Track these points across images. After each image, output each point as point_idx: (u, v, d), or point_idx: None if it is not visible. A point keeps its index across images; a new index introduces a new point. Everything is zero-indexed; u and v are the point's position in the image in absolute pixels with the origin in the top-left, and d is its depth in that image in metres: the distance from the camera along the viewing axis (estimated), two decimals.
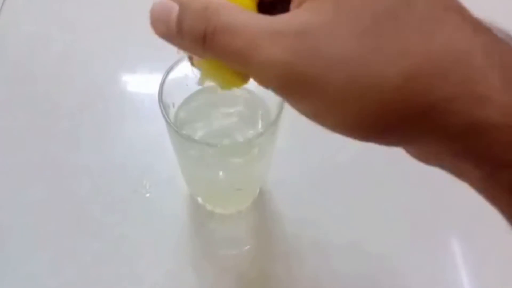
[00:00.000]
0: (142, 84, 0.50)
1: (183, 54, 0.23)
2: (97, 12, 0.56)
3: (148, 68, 0.51)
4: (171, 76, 0.34)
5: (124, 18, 0.55)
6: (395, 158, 0.45)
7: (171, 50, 0.56)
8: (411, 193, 0.43)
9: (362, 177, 0.44)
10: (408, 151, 0.22)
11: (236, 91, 0.37)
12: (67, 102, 0.48)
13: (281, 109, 0.31)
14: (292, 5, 0.20)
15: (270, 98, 0.35)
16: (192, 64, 0.24)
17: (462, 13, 0.19)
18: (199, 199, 0.41)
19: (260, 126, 0.36)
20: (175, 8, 0.20)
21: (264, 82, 0.20)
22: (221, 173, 0.35)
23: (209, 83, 0.24)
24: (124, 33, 0.54)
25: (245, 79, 0.24)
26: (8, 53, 0.52)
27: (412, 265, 0.40)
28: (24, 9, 0.56)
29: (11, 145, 0.46)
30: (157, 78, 0.50)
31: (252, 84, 0.36)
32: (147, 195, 0.42)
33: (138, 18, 0.54)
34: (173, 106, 0.35)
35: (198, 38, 0.20)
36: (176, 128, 0.32)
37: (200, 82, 0.24)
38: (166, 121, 0.31)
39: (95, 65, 0.51)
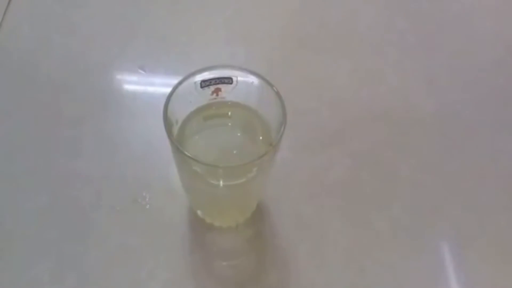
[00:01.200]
0: (144, 93, 0.51)
1: None
2: (99, 19, 0.56)
3: (150, 76, 0.52)
4: (175, 93, 0.34)
5: (126, 26, 0.56)
6: (385, 173, 0.46)
7: (172, 59, 0.57)
8: (402, 207, 0.44)
9: (355, 191, 0.45)
10: None
11: (238, 110, 0.38)
12: (69, 111, 0.49)
13: (282, 131, 0.32)
14: None
15: (271, 116, 0.36)
16: None
17: None
18: (199, 212, 0.42)
19: (260, 143, 0.37)
20: None
21: None
22: (221, 189, 0.36)
23: None
24: (127, 41, 0.54)
25: None
26: (10, 60, 0.52)
27: (406, 277, 0.41)
28: (27, 16, 0.56)
29: (13, 152, 0.46)
30: (160, 86, 0.51)
31: (253, 101, 0.38)
32: (147, 206, 0.43)
33: (140, 27, 0.55)
34: (177, 123, 0.36)
35: None
36: (179, 143, 0.33)
37: None
38: (171, 140, 0.32)
39: (97, 73, 0.52)
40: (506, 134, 0.49)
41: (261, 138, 0.38)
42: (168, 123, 0.33)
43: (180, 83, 0.35)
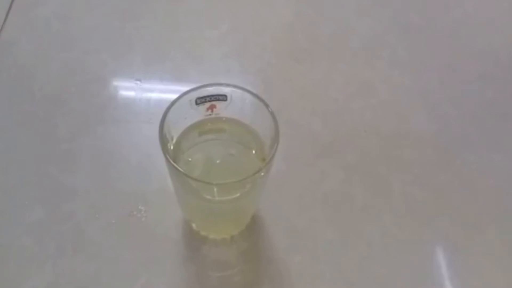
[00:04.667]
0: (140, 107, 0.52)
1: None
2: (97, 32, 0.57)
3: (147, 90, 0.53)
4: (171, 110, 0.35)
5: (124, 40, 0.56)
6: (377, 186, 0.47)
7: (168, 73, 0.58)
8: (393, 219, 0.45)
9: (347, 204, 0.46)
10: None
11: (232, 126, 0.39)
12: (65, 124, 0.49)
13: (274, 149, 0.33)
14: None
15: (264, 132, 0.37)
16: None
17: None
18: (194, 225, 0.43)
19: (254, 158, 0.38)
20: None
21: None
22: (215, 204, 0.36)
23: None
24: (123, 56, 0.55)
25: None
26: (7, 74, 0.53)
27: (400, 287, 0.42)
28: (25, 29, 0.57)
29: (9, 166, 0.47)
30: (156, 100, 0.52)
31: (247, 118, 0.39)
32: (143, 219, 0.44)
33: (137, 41, 0.56)
34: (172, 140, 0.37)
35: None
36: (174, 159, 0.33)
37: None
38: (166, 158, 0.33)
39: (93, 86, 0.52)
40: (494, 147, 0.51)
41: (254, 152, 0.39)
42: (163, 140, 0.34)
43: (175, 100, 0.35)
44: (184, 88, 0.37)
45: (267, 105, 0.35)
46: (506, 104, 0.54)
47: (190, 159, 0.38)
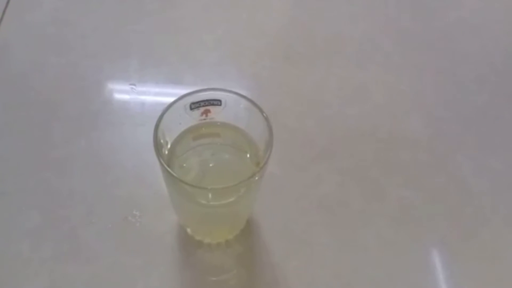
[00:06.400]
0: (135, 112, 0.52)
1: None
2: (92, 38, 0.57)
3: (142, 95, 0.53)
4: (165, 116, 0.35)
5: (119, 46, 0.57)
6: (372, 189, 0.47)
7: (164, 78, 0.58)
8: (389, 222, 0.45)
9: (343, 207, 0.46)
10: None
11: (226, 130, 0.39)
12: (60, 129, 0.49)
13: (268, 154, 0.33)
14: None
15: (259, 136, 0.37)
16: None
17: None
18: (188, 230, 0.43)
19: (248, 162, 0.38)
20: None
21: None
22: (210, 209, 0.36)
23: None
24: (118, 61, 0.55)
25: None
26: (2, 78, 0.53)
27: None
28: (19, 33, 0.57)
29: (4, 172, 0.47)
30: (151, 105, 0.52)
31: (241, 122, 0.39)
32: (138, 224, 0.44)
33: (132, 46, 0.56)
34: (167, 144, 0.37)
35: None
36: (169, 164, 0.33)
37: None
38: (160, 162, 0.33)
39: (88, 92, 0.52)
40: (489, 150, 0.51)
41: (248, 156, 0.39)
42: (158, 145, 0.34)
43: (170, 105, 0.35)
44: (179, 91, 0.37)
45: (261, 110, 0.35)
46: (501, 107, 0.54)
47: (184, 164, 0.38)
